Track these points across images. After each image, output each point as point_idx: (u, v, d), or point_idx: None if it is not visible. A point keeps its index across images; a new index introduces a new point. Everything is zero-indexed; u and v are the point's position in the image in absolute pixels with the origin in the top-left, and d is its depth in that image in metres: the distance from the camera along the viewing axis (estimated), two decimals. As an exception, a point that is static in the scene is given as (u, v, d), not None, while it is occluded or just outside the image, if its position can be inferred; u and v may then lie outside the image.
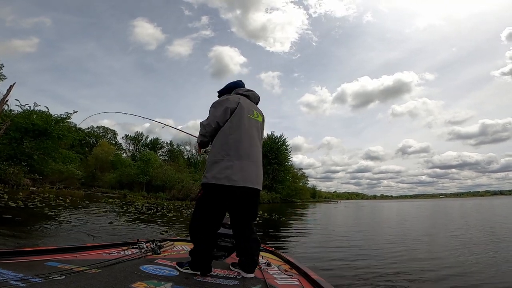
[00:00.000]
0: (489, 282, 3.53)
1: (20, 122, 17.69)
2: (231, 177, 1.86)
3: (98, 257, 2.09)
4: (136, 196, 27.82)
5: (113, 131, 55.40)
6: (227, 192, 1.87)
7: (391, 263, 4.51)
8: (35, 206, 9.18)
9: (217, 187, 1.86)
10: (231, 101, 2.03)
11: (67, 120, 20.40)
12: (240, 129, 1.98)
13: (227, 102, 2.02)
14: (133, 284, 1.55)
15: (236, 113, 2.00)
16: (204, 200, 1.94)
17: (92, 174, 37.33)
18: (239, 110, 2.02)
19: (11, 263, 1.72)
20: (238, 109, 2.02)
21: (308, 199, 59.26)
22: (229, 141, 1.93)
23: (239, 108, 2.02)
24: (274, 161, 46.18)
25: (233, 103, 2.02)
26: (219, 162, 1.90)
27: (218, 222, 1.97)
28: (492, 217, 14.62)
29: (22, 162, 17.70)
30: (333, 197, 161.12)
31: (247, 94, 2.21)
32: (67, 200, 13.10)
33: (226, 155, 1.90)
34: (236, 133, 1.96)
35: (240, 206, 1.98)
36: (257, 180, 2.00)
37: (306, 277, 1.98)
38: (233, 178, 1.86)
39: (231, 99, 2.04)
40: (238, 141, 1.95)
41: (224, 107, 1.98)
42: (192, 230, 1.96)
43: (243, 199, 1.95)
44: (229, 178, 1.85)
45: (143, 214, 11.11)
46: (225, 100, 2.03)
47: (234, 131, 1.96)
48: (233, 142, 1.93)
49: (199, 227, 1.94)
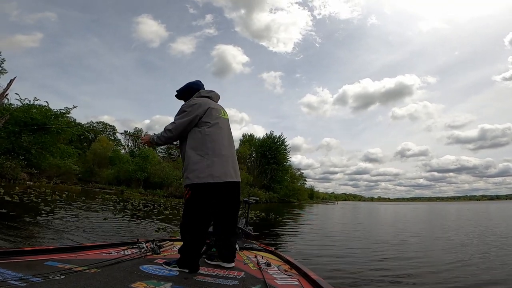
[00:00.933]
0: (487, 283, 3.55)
1: (19, 116, 17.60)
2: (213, 174, 1.97)
3: (98, 257, 2.08)
4: (133, 193, 27.78)
5: (112, 127, 55.31)
6: (212, 189, 1.99)
7: (389, 263, 4.54)
8: (30, 200, 9.15)
9: (202, 186, 1.97)
10: (202, 107, 2.12)
11: (67, 115, 20.32)
12: (216, 129, 2.12)
13: (197, 109, 2.10)
14: (133, 284, 1.54)
15: (212, 116, 2.14)
16: (192, 200, 2.02)
17: (90, 170, 37.20)
18: (213, 112, 2.16)
19: (11, 263, 1.71)
20: (211, 111, 2.15)
21: (306, 200, 59.33)
22: (207, 141, 2.05)
23: (213, 111, 2.16)
24: (272, 160, 46.23)
25: (202, 108, 2.12)
26: (199, 162, 2.00)
27: (208, 220, 2.08)
28: (485, 221, 14.70)
29: (20, 156, 17.61)
30: (331, 198, 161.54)
31: (210, 96, 2.30)
32: (63, 195, 13.05)
33: (205, 154, 2.01)
34: (214, 133, 2.09)
35: (225, 201, 2.10)
36: (236, 174, 2.14)
37: (306, 277, 1.98)
38: (216, 175, 1.98)
39: (202, 105, 2.14)
40: (216, 140, 2.08)
41: (194, 115, 2.09)
42: (182, 229, 2.05)
43: (227, 193, 2.08)
44: (212, 176, 1.97)
45: (140, 211, 11.07)
46: (196, 107, 2.11)
47: (212, 132, 2.09)
48: (211, 142, 2.05)
49: (189, 226, 2.02)
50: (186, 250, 1.97)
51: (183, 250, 1.99)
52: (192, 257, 1.98)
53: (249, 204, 3.76)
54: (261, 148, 46.82)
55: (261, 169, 46.07)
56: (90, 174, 36.76)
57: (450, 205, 66.00)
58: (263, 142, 47.81)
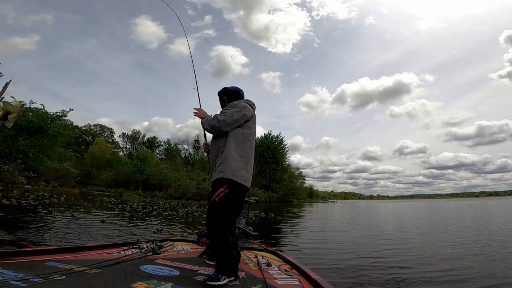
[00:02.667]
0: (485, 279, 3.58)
1: (16, 120, 17.50)
2: (246, 178, 2.02)
3: (99, 257, 2.08)
4: (132, 195, 27.70)
5: (110, 129, 55.08)
6: (242, 191, 2.01)
7: (389, 262, 4.55)
8: (28, 204, 9.11)
9: (237, 184, 1.96)
10: (250, 111, 2.20)
11: (63, 118, 20.25)
12: (253, 136, 2.22)
13: (247, 110, 2.17)
14: (133, 284, 1.55)
15: (255, 123, 2.25)
16: (231, 196, 1.92)
17: (88, 173, 37.11)
18: (255, 120, 2.26)
19: (12, 263, 1.71)
20: (255, 119, 2.26)
21: (305, 199, 59.34)
22: (247, 145, 2.11)
23: (255, 119, 2.26)
24: (271, 160, 46.20)
25: (250, 113, 2.20)
26: (238, 160, 2.01)
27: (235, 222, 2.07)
28: (486, 217, 14.79)
29: (17, 160, 17.52)
30: (330, 197, 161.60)
31: (253, 106, 2.34)
32: (62, 198, 12.99)
33: (242, 156, 2.05)
34: (251, 139, 2.17)
35: (240, 204, 2.11)
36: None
37: (306, 277, 1.99)
38: (247, 179, 2.03)
39: (250, 110, 2.21)
40: (252, 147, 2.16)
41: (243, 114, 2.13)
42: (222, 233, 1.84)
43: (243, 198, 2.11)
44: (244, 178, 2.01)
45: (138, 212, 11.06)
46: (245, 108, 2.17)
47: (251, 139, 2.17)
48: (250, 147, 2.13)
49: (228, 228, 1.87)
50: (231, 254, 1.82)
51: (225, 255, 1.81)
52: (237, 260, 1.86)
53: (249, 204, 3.76)
54: (260, 148, 46.79)
55: (260, 169, 46.02)
56: (89, 177, 36.67)
57: (448, 202, 66.30)
58: (262, 141, 47.76)
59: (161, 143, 54.65)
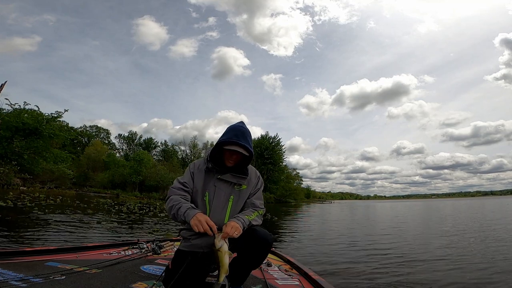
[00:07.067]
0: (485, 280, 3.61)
1: (10, 121, 17.34)
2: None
3: (99, 257, 2.08)
4: (128, 196, 27.55)
5: (106, 131, 54.67)
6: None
7: (388, 262, 4.57)
8: (24, 205, 9.04)
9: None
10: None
11: (59, 119, 20.11)
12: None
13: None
14: (134, 284, 1.55)
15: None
16: None
17: (84, 174, 36.76)
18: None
19: (12, 263, 1.70)
20: None
21: (302, 199, 59.49)
22: None
23: None
24: (268, 161, 46.24)
25: None
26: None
27: None
28: (481, 216, 14.93)
29: (12, 162, 17.34)
30: (327, 197, 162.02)
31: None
32: (58, 200, 12.89)
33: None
34: None
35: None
36: None
37: (306, 277, 2.00)
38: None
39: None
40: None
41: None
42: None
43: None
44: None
45: (135, 214, 11.01)
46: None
47: None
48: None
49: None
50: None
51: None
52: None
53: None
54: (257, 149, 46.83)
55: (257, 170, 46.08)
56: (85, 178, 36.32)
57: (444, 202, 66.80)
58: (259, 142, 47.79)
59: (158, 144, 54.50)
